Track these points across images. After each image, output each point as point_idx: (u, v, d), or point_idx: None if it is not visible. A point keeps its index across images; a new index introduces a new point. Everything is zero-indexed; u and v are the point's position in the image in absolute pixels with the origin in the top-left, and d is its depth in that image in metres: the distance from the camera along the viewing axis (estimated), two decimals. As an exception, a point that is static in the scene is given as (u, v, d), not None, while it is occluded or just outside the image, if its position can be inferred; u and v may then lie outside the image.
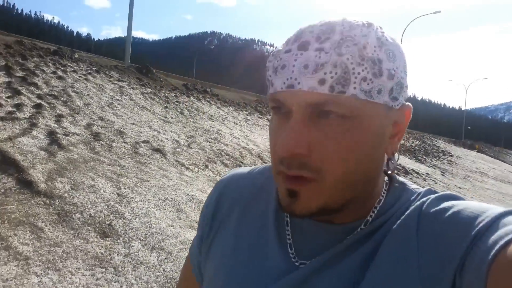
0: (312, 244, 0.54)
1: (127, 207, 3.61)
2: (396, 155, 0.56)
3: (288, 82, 0.45)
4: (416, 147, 21.44)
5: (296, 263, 0.53)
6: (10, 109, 5.45)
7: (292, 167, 0.47)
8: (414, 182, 10.77)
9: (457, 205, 0.47)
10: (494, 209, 0.44)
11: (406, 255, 0.45)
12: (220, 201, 0.66)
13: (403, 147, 19.70)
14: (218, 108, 11.61)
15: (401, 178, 0.58)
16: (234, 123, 10.22)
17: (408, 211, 0.50)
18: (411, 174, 11.89)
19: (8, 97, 5.90)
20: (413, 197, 0.53)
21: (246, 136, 8.89)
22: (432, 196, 0.51)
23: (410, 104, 0.51)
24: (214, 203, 0.66)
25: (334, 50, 0.43)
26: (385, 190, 0.55)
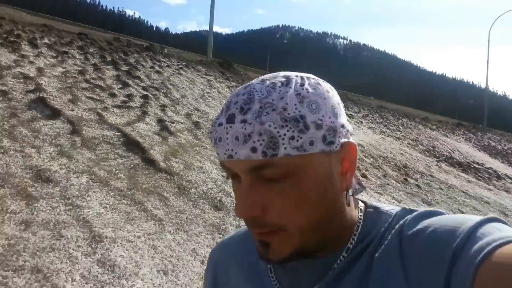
0: (298, 281, 0.57)
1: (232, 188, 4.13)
2: (354, 186, 0.58)
3: (227, 153, 0.48)
4: (509, 151, 19.94)
5: None
6: (123, 98, 6.28)
7: (254, 228, 0.51)
8: (508, 188, 10.24)
9: (433, 223, 0.47)
10: (469, 221, 0.45)
11: (395, 283, 0.47)
12: (215, 274, 0.70)
13: (493, 150, 18.51)
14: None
15: (374, 202, 0.60)
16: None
17: (389, 236, 0.51)
18: (504, 179, 11.26)
19: (119, 88, 6.77)
20: (390, 219, 0.54)
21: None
22: (409, 217, 0.52)
23: (352, 140, 0.53)
24: (211, 279, 0.71)
25: (256, 120, 0.46)
26: (360, 216, 0.56)
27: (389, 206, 0.58)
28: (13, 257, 2.28)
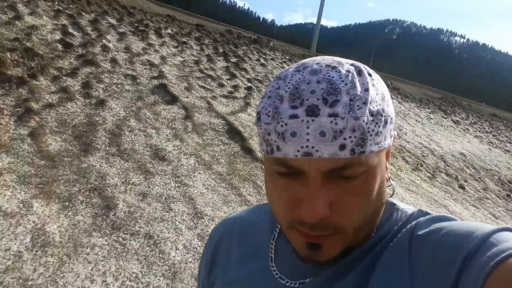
0: (298, 269, 0.55)
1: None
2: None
3: (303, 150, 0.42)
4: None
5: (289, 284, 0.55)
6: (229, 89, 6.74)
7: (315, 230, 0.46)
8: None
9: (446, 226, 0.46)
10: (483, 228, 0.43)
11: (399, 280, 0.45)
12: (216, 251, 0.68)
13: None
14: (399, 103, 11.49)
15: (389, 198, 0.57)
16: (416, 120, 10.03)
17: (400, 234, 0.50)
18: None
19: (227, 79, 7.26)
20: (405, 218, 0.53)
21: (428, 135, 8.69)
22: (422, 218, 0.50)
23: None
24: (211, 255, 0.69)
25: (349, 114, 0.42)
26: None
27: (405, 205, 0.56)
28: (131, 222, 2.73)
